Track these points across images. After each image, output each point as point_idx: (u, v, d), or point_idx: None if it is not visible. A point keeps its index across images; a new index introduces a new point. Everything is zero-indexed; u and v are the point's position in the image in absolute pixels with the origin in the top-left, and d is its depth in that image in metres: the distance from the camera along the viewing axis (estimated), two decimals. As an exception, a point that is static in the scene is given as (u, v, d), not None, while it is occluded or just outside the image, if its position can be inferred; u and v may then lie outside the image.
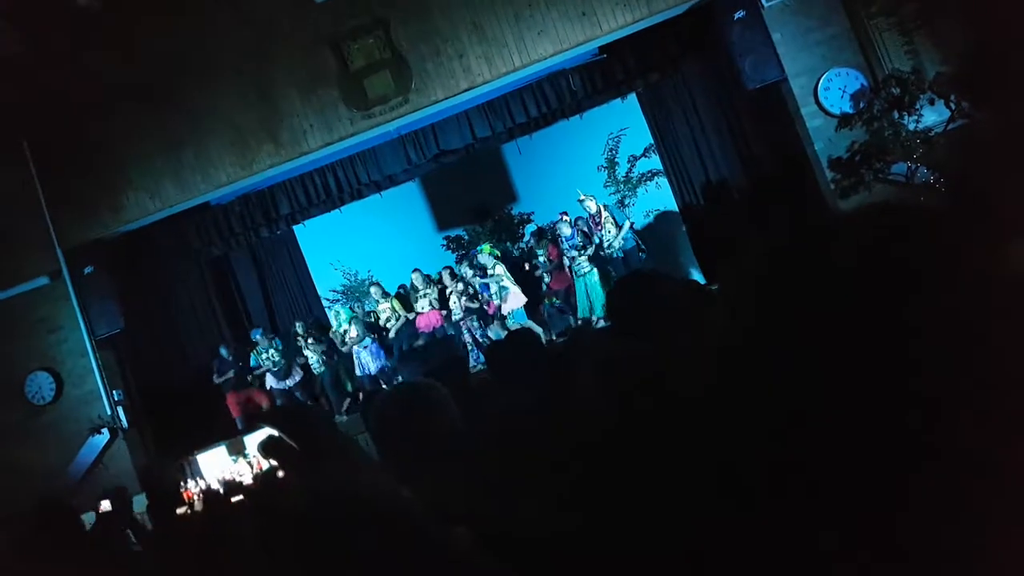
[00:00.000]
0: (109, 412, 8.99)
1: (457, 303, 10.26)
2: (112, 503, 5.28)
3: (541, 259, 10.70)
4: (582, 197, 10.41)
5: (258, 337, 10.39)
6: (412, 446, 2.10)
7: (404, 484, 1.86)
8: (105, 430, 8.91)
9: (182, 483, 8.23)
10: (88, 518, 5.74)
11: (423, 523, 0.99)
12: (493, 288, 10.28)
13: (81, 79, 8.85)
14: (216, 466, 8.86)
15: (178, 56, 8.95)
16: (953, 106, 7.43)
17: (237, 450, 9.02)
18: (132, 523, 6.11)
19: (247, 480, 7.70)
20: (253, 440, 8.73)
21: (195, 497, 7.26)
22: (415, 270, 10.63)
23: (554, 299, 10.70)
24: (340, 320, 10.35)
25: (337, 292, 13.03)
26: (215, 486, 7.48)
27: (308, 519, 0.93)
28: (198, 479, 8.58)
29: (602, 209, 10.32)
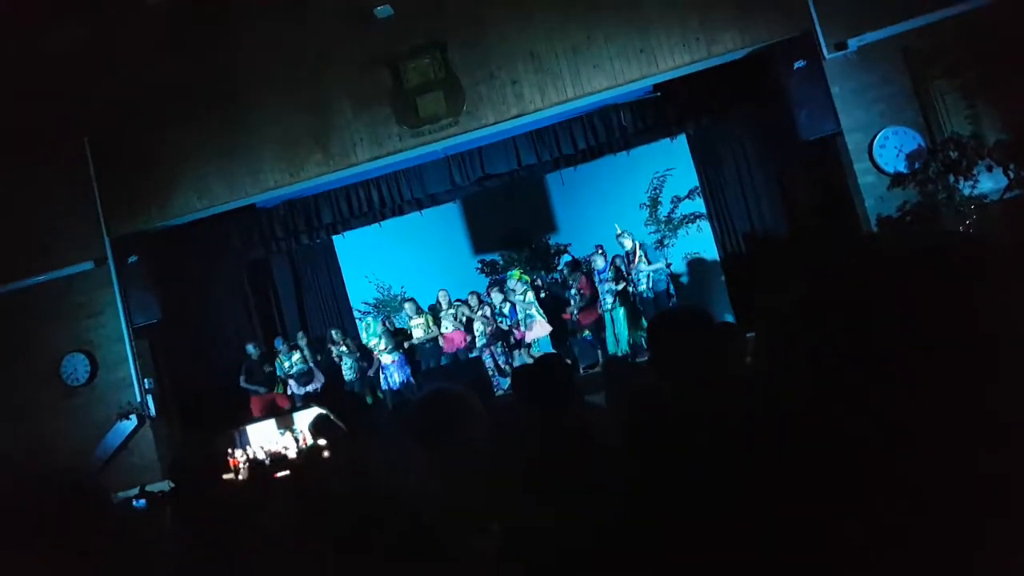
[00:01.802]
0: (139, 399, 9.11)
1: (482, 328, 10.25)
2: (148, 502, 5.31)
3: (572, 291, 10.67)
4: (620, 232, 10.39)
5: (281, 346, 10.46)
6: (445, 450, 2.11)
7: (441, 478, 1.85)
8: (133, 416, 9.03)
9: (229, 451, 8.33)
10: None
11: (451, 520, 0.98)
12: (520, 314, 10.26)
13: (142, 81, 9.10)
14: (264, 438, 8.93)
15: (236, 63, 9.18)
16: (1011, 175, 7.30)
17: (286, 425, 9.10)
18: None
19: (291, 455, 7.76)
20: (302, 418, 8.81)
21: (241, 465, 7.32)
22: (442, 290, 10.70)
23: (585, 332, 10.63)
24: (370, 332, 10.40)
25: (368, 304, 13.07)
26: (261, 456, 7.55)
27: (346, 498, 0.91)
28: (246, 447, 8.66)
29: (637, 248, 10.28)
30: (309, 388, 10.34)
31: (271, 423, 9.16)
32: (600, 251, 10.39)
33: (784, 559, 0.85)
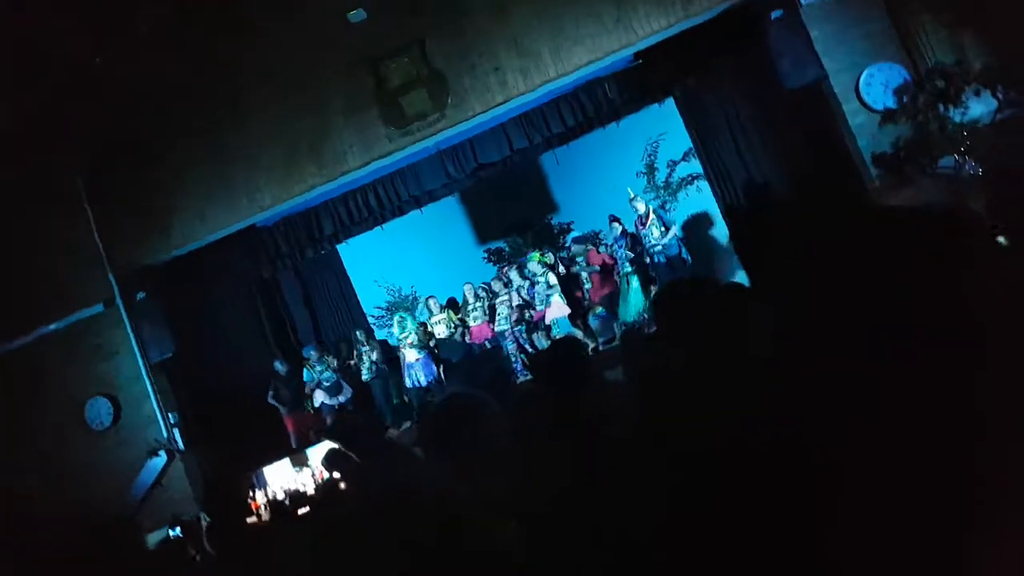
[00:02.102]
0: (166, 434, 9.18)
1: (505, 313, 10.30)
2: (183, 530, 5.38)
3: (581, 263, 10.74)
4: (633, 196, 10.46)
5: (311, 353, 10.52)
6: (463, 453, 2.15)
7: (460, 483, 1.89)
8: (163, 452, 9.10)
9: (250, 494, 8.37)
10: (152, 538, 5.85)
11: (477, 520, 1.01)
12: (540, 295, 10.32)
13: (128, 116, 9.13)
14: (281, 477, 9.03)
15: (220, 86, 9.17)
16: (1000, 96, 7.27)
17: (300, 462, 9.17)
18: (201, 549, 6.20)
19: (310, 491, 7.82)
20: (315, 453, 8.88)
21: (262, 507, 7.39)
22: (467, 283, 10.74)
23: (598, 309, 10.68)
24: (403, 328, 10.42)
25: (382, 309, 13.15)
26: (280, 496, 7.62)
27: (366, 523, 0.95)
28: (265, 489, 8.75)
29: (650, 211, 10.32)
30: (340, 398, 10.41)
31: (286, 462, 9.20)
32: (614, 219, 10.45)
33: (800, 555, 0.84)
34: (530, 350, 10.17)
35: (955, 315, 0.82)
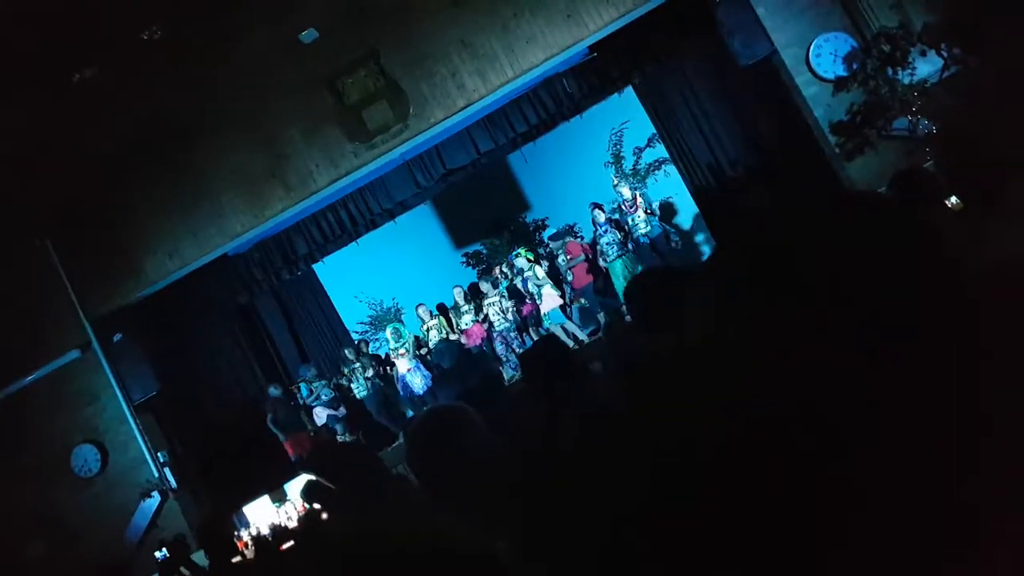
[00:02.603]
0: (156, 474, 9.05)
1: (499, 314, 10.36)
2: (169, 550, 5.39)
3: (560, 259, 10.82)
4: (616, 181, 10.57)
5: (308, 371, 10.52)
6: (445, 469, 2.17)
7: (441, 505, 1.92)
8: (155, 492, 8.97)
9: (235, 534, 8.30)
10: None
11: (461, 547, 1.03)
12: (532, 289, 10.41)
13: (85, 156, 9.04)
14: (262, 514, 8.97)
15: (178, 117, 9.09)
16: (945, 54, 7.40)
17: (279, 497, 9.10)
18: (189, 564, 6.22)
19: (293, 523, 7.80)
20: (293, 486, 8.86)
21: (247, 545, 7.37)
22: (456, 286, 10.77)
23: (581, 300, 10.75)
24: (398, 341, 10.44)
25: (365, 324, 13.14)
26: (264, 532, 7.60)
27: (350, 551, 0.98)
28: (247, 529, 8.68)
29: (637, 196, 10.43)
30: (339, 413, 10.40)
31: (265, 499, 9.11)
32: (596, 206, 10.52)
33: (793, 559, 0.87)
34: (520, 350, 10.23)
35: (925, 286, 0.84)
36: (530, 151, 11.54)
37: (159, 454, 9.16)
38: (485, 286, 10.76)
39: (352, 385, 10.54)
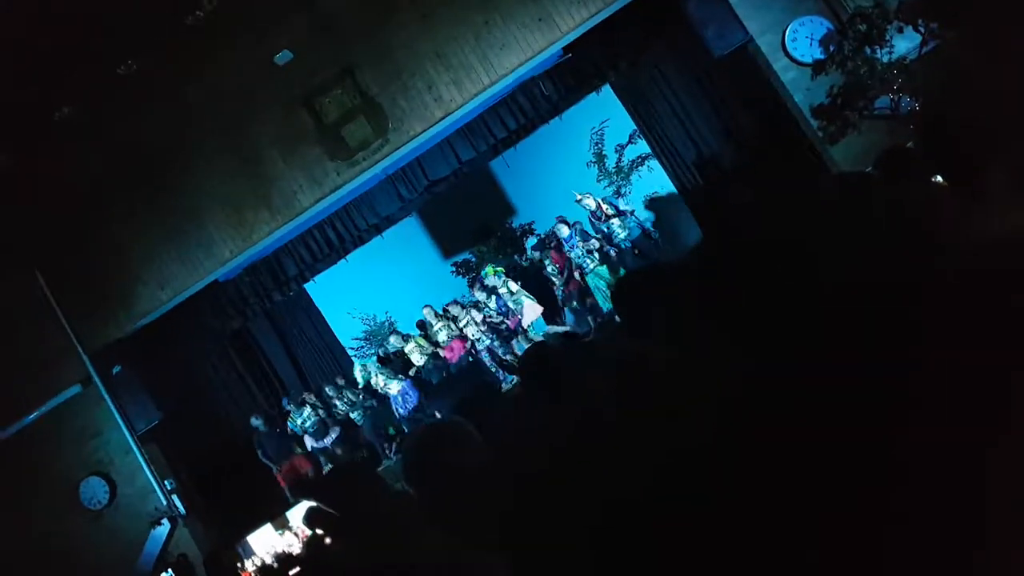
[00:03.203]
0: (165, 502, 9.08)
1: (478, 331, 10.30)
2: (175, 571, 5.34)
3: (548, 267, 10.78)
4: (579, 197, 10.48)
5: (288, 405, 10.48)
6: (439, 486, 2.14)
7: (436, 521, 1.89)
8: (165, 520, 9.00)
9: (239, 564, 8.27)
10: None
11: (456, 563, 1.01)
12: (510, 303, 10.34)
13: (72, 191, 9.05)
14: (265, 543, 8.93)
15: (160, 147, 9.12)
16: (922, 29, 7.40)
17: (282, 525, 9.07)
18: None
19: (296, 550, 7.75)
20: (295, 513, 8.83)
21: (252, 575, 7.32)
22: (426, 306, 10.69)
23: (573, 303, 10.73)
24: (366, 374, 10.39)
25: (360, 339, 13.13)
26: (269, 561, 7.55)
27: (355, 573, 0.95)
28: (252, 558, 8.64)
29: (600, 203, 10.37)
30: (327, 441, 10.34)
31: (268, 527, 9.10)
32: (561, 220, 10.48)
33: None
34: (510, 359, 10.18)
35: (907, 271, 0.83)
36: (512, 156, 11.53)
37: (166, 482, 9.19)
38: (455, 309, 10.63)
39: (342, 409, 10.46)
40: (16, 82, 7.61)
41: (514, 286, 10.35)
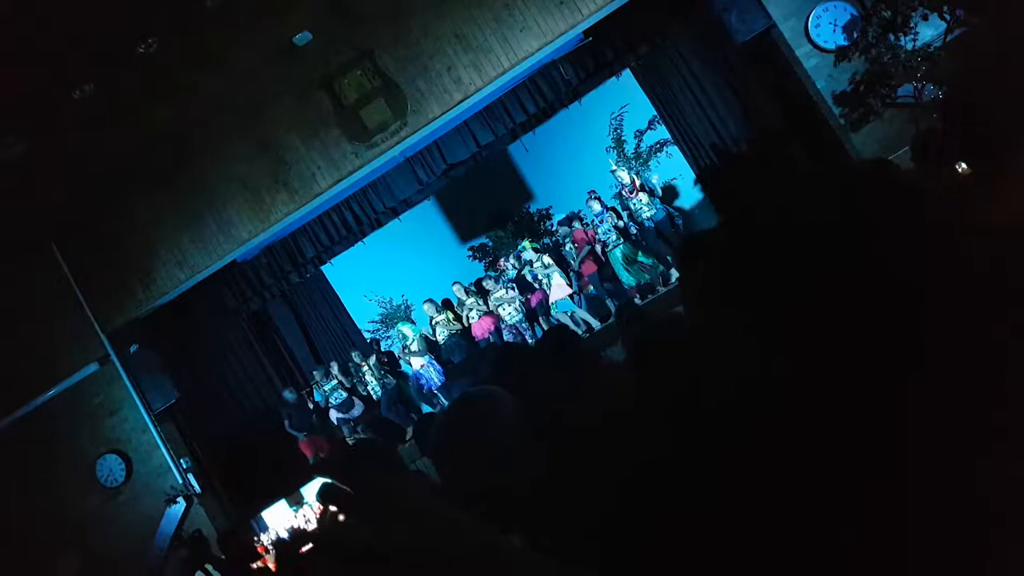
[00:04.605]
0: (180, 481, 9.18)
1: (509, 308, 10.37)
2: (189, 547, 5.40)
3: (568, 247, 10.80)
4: (614, 167, 10.53)
5: (318, 376, 10.57)
6: (470, 465, 2.11)
7: (457, 498, 1.88)
8: (180, 499, 9.09)
9: (255, 539, 8.37)
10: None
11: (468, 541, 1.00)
12: (541, 276, 10.41)
13: (92, 172, 9.11)
14: (280, 519, 9.03)
15: (179, 128, 9.14)
16: (947, 16, 7.29)
17: (296, 501, 9.17)
18: (211, 559, 6.23)
19: (312, 526, 7.83)
20: (309, 490, 8.89)
21: (267, 550, 7.40)
22: (455, 283, 10.76)
23: (589, 288, 10.72)
24: (407, 340, 10.47)
25: (376, 322, 13.15)
26: (283, 535, 7.63)
27: (372, 554, 0.95)
28: (266, 533, 8.74)
29: (635, 177, 10.40)
30: (352, 415, 10.45)
31: (282, 503, 9.19)
32: (594, 196, 10.48)
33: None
34: (531, 340, 10.22)
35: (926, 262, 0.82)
36: (531, 141, 11.48)
37: (182, 461, 9.30)
38: (489, 283, 10.73)
39: (365, 384, 10.56)
40: (36, 61, 7.65)
41: (548, 260, 10.41)
